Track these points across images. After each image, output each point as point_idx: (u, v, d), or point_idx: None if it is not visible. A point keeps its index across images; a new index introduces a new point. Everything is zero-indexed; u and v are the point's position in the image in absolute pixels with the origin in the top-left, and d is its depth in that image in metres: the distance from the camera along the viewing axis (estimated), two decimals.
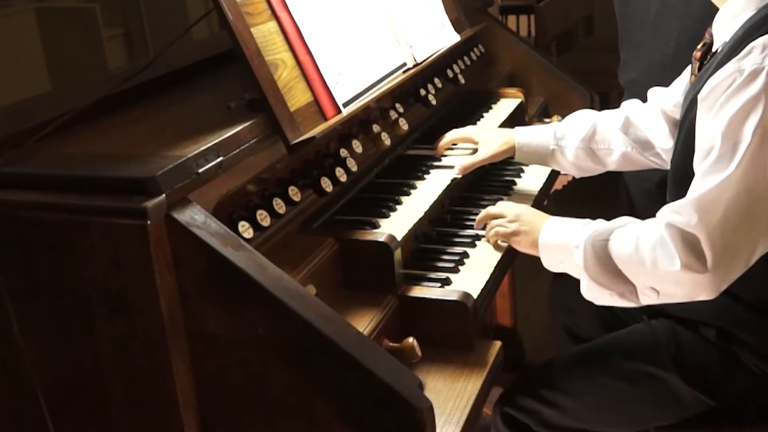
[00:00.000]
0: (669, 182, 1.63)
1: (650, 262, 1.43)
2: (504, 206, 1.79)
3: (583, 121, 2.02)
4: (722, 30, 1.54)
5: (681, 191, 1.46)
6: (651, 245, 1.43)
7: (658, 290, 1.46)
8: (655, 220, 1.47)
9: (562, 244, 1.60)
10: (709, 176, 1.39)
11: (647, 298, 1.49)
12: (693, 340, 1.64)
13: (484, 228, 1.79)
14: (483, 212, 1.80)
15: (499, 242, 1.74)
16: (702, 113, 1.46)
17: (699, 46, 1.63)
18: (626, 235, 1.49)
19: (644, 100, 2.00)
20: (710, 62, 1.53)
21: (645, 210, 2.42)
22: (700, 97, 1.46)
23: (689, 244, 1.39)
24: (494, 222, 1.75)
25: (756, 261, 1.43)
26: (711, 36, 1.59)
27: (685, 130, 1.55)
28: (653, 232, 1.44)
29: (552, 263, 1.64)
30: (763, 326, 1.58)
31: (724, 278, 1.41)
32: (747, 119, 1.37)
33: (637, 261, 1.45)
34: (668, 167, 1.96)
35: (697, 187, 1.41)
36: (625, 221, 1.54)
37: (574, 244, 1.55)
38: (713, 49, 1.57)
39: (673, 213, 1.42)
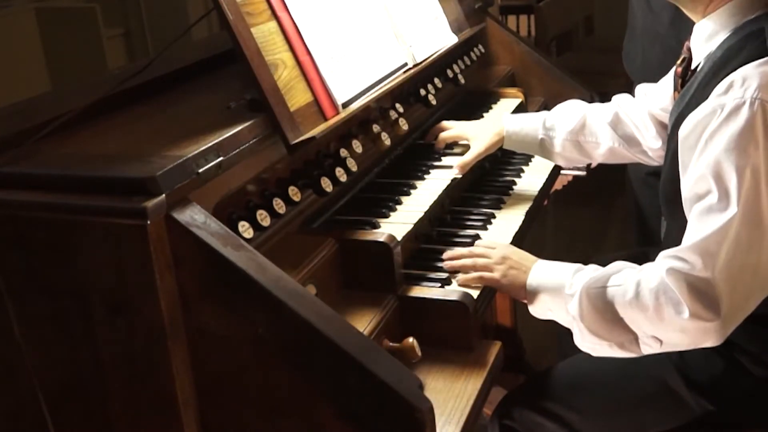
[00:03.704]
0: (661, 199, 1.62)
1: (653, 310, 1.38)
2: (487, 245, 1.68)
3: (572, 112, 2.03)
4: (700, 48, 1.54)
5: (673, 210, 1.45)
6: (654, 293, 1.38)
7: (662, 339, 1.42)
8: (654, 266, 1.42)
9: (553, 290, 1.53)
10: (708, 219, 1.36)
11: (649, 348, 1.44)
12: None
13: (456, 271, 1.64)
14: (464, 252, 1.65)
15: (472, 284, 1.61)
16: (685, 151, 1.43)
17: (678, 62, 1.63)
18: (625, 281, 1.44)
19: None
20: (691, 81, 1.53)
21: (646, 198, 2.45)
22: (681, 134, 1.44)
23: (696, 291, 1.35)
24: (479, 263, 1.62)
25: None
26: (689, 51, 1.59)
27: (671, 152, 1.53)
28: (654, 278, 1.40)
29: (540, 310, 1.57)
30: (762, 335, 1.57)
31: (732, 322, 1.38)
32: (736, 156, 1.35)
33: (639, 309, 1.40)
34: (654, 164, 1.97)
35: (696, 231, 1.38)
36: (619, 267, 1.49)
37: (568, 292, 1.49)
38: (693, 66, 1.57)
39: (675, 259, 1.38)
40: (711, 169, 1.37)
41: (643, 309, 1.40)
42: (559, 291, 1.52)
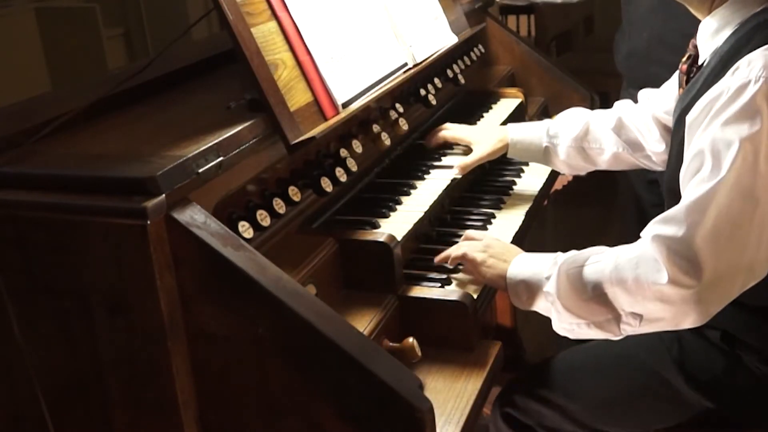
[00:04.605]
0: (665, 195, 1.62)
1: (632, 281, 1.38)
2: (474, 235, 1.72)
3: (576, 119, 2.03)
4: (706, 44, 1.54)
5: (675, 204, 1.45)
6: (633, 262, 1.38)
7: (642, 314, 1.40)
8: (637, 242, 1.42)
9: (531, 277, 1.52)
10: (699, 186, 1.36)
11: (629, 327, 1.43)
12: (697, 342, 1.63)
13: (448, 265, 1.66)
14: (453, 248, 1.67)
15: (461, 274, 1.64)
16: (690, 133, 1.44)
17: (684, 59, 1.63)
18: (604, 257, 1.44)
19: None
20: (697, 76, 1.53)
21: (650, 201, 2.46)
22: (688, 119, 1.44)
23: (676, 254, 1.34)
24: (463, 245, 1.65)
25: None
26: (695, 48, 1.59)
27: (676, 146, 1.54)
28: (634, 250, 1.40)
29: (519, 300, 1.56)
30: (762, 329, 1.57)
31: (713, 298, 1.35)
32: (734, 130, 1.35)
33: (618, 281, 1.40)
34: (657, 168, 1.97)
35: (685, 197, 1.38)
36: (600, 249, 1.49)
37: (545, 275, 1.49)
38: (699, 62, 1.57)
39: (661, 225, 1.38)
40: (709, 144, 1.37)
41: (622, 281, 1.39)
42: (537, 277, 1.52)
